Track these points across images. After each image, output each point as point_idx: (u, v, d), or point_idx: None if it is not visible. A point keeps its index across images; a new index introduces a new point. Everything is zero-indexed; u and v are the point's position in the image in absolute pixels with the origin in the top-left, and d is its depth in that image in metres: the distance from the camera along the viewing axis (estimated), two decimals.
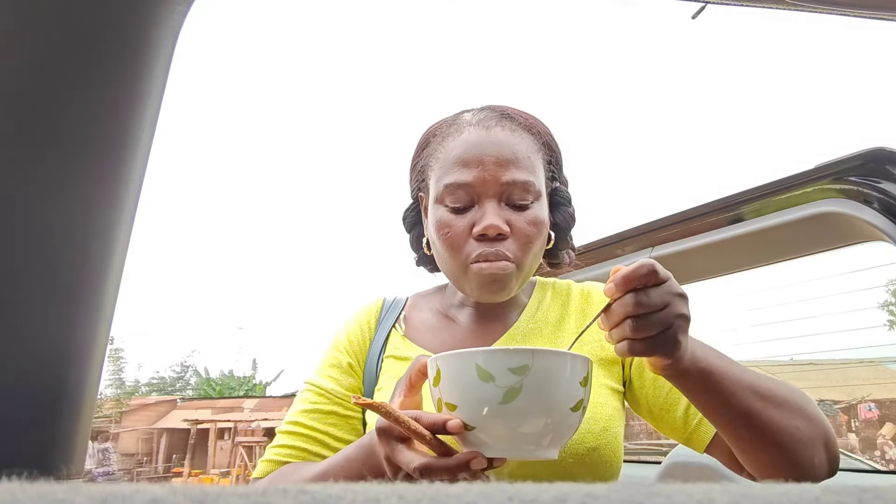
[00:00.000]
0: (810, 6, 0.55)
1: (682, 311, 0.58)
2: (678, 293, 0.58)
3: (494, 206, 0.76)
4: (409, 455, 0.56)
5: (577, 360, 0.55)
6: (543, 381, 0.52)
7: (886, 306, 16.34)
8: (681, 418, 0.77)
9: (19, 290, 0.50)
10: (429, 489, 0.16)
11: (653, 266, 0.57)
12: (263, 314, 51.16)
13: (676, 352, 0.58)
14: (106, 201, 0.54)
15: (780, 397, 0.67)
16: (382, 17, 78.93)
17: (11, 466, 0.47)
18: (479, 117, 0.82)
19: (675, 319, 0.57)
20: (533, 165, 0.79)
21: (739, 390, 0.64)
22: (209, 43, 62.30)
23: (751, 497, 0.15)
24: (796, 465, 0.66)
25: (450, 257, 0.78)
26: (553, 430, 0.54)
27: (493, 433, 0.53)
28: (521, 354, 0.52)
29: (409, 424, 0.53)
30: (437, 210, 0.80)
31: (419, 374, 0.63)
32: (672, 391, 0.77)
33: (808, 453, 0.66)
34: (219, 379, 27.03)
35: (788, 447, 0.66)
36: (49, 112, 0.50)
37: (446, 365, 0.55)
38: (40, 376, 0.51)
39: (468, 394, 0.53)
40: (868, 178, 1.10)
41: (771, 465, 0.67)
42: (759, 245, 1.33)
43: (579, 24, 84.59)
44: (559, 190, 0.86)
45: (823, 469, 0.69)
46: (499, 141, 0.78)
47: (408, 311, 0.93)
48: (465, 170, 0.77)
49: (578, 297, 0.88)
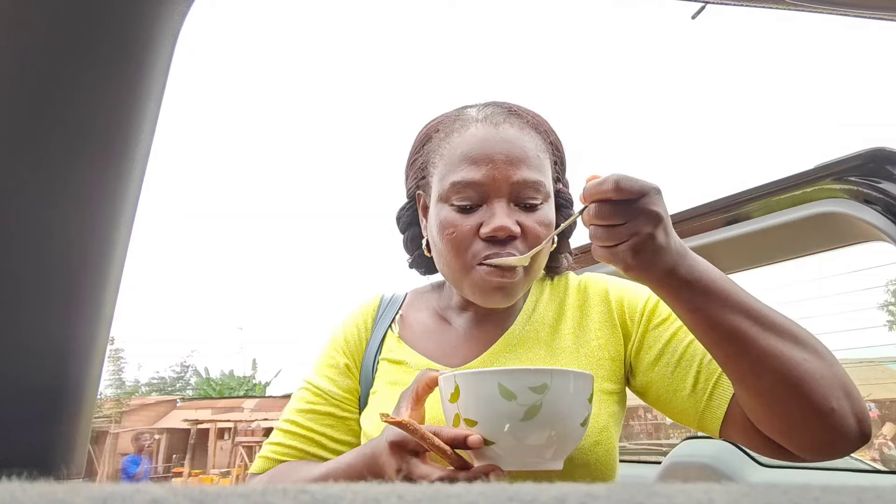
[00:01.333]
0: (810, 6, 0.55)
1: (643, 228, 0.58)
2: (646, 210, 0.58)
3: (504, 206, 0.73)
4: (425, 469, 0.57)
5: (587, 379, 0.60)
6: (560, 399, 0.56)
7: (886, 306, 16.34)
8: (689, 397, 0.73)
9: (19, 290, 0.50)
10: (429, 489, 0.16)
11: (616, 183, 0.57)
12: (263, 314, 51.10)
13: (634, 266, 0.60)
14: (106, 201, 0.54)
15: (780, 325, 0.63)
16: (382, 17, 78.77)
17: (11, 466, 0.47)
18: (486, 113, 0.79)
19: (632, 236, 0.58)
20: (542, 165, 0.77)
21: (730, 310, 0.62)
22: (209, 43, 62.14)
23: (751, 497, 0.15)
24: (810, 404, 0.61)
25: (453, 258, 0.75)
26: (562, 443, 0.58)
27: (508, 448, 0.57)
28: (541, 374, 0.56)
29: (432, 440, 0.56)
30: (441, 209, 0.77)
31: (426, 388, 0.64)
32: (677, 369, 0.74)
33: (821, 391, 0.61)
34: (219, 379, 27.02)
35: (795, 379, 0.61)
36: (48, 112, 0.50)
37: (467, 383, 0.58)
38: (40, 376, 0.51)
39: (490, 411, 0.56)
40: (868, 178, 1.10)
41: (782, 405, 0.62)
42: (759, 245, 1.33)
43: (579, 24, 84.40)
44: (562, 192, 0.85)
45: (849, 421, 0.62)
46: (508, 138, 0.75)
47: (405, 310, 0.91)
48: (474, 167, 0.74)
49: (575, 294, 0.86)
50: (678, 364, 0.74)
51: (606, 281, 0.86)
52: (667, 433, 14.28)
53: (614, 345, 0.80)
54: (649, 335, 0.78)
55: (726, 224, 1.34)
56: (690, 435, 1.84)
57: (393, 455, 0.59)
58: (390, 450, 0.59)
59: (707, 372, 0.73)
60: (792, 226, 1.22)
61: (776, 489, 0.16)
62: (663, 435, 14.24)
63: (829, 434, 0.62)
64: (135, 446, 9.38)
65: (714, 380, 0.72)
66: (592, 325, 0.81)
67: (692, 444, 1.63)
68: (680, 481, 0.17)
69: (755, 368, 0.62)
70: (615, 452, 0.75)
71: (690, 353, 0.74)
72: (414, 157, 0.86)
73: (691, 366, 0.74)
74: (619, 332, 0.80)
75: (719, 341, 0.63)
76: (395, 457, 0.59)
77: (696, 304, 0.62)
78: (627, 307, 0.81)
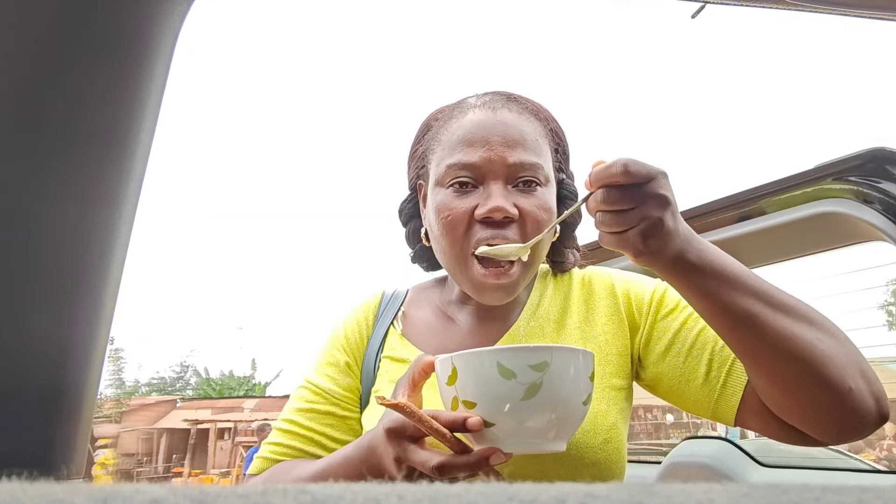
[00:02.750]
0: (810, 6, 0.55)
1: (652, 213, 0.57)
2: (655, 194, 0.57)
3: (501, 187, 0.72)
4: (424, 454, 0.55)
5: (588, 356, 0.58)
6: (561, 377, 0.54)
7: (886, 306, 16.33)
8: (703, 387, 0.72)
9: (19, 290, 0.50)
10: (429, 489, 0.16)
11: (625, 166, 0.56)
12: (263, 314, 51.12)
13: (643, 251, 0.59)
14: (106, 201, 0.54)
15: (792, 306, 0.62)
16: (381, 17, 78.83)
17: (11, 466, 0.47)
18: (485, 100, 0.78)
19: (642, 221, 0.57)
20: (541, 149, 0.76)
21: (741, 294, 0.61)
22: (209, 43, 62.21)
23: (751, 497, 0.15)
24: (827, 385, 0.60)
25: (449, 244, 0.74)
26: (564, 424, 0.56)
27: (509, 429, 0.54)
28: (540, 352, 0.54)
29: (430, 424, 0.54)
30: (437, 193, 0.76)
31: (422, 373, 0.62)
32: (689, 359, 0.73)
33: (837, 371, 0.60)
34: (219, 379, 27.03)
35: (810, 359, 0.60)
36: (48, 112, 0.50)
37: (464, 364, 0.56)
38: (40, 376, 0.51)
39: (489, 391, 0.54)
40: (868, 178, 1.10)
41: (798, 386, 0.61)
42: (759, 245, 1.32)
43: (579, 24, 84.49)
44: (566, 183, 0.83)
45: (867, 400, 0.61)
46: (505, 121, 0.74)
47: (407, 307, 0.90)
48: (470, 149, 0.73)
49: (579, 288, 0.85)
50: (689, 353, 0.73)
51: (612, 274, 0.85)
52: (667, 433, 14.28)
53: (621, 339, 0.79)
54: (658, 326, 0.77)
55: (726, 224, 1.34)
56: (690, 435, 1.84)
57: (390, 442, 0.57)
58: (387, 436, 0.57)
59: (720, 359, 0.72)
60: (792, 226, 1.22)
61: (776, 489, 0.16)
62: (663, 435, 14.23)
63: (848, 415, 0.61)
64: (259, 437, 9.52)
65: (728, 367, 0.71)
66: (599, 320, 0.80)
67: (692, 444, 1.63)
68: (680, 481, 0.17)
69: (771, 351, 0.61)
70: (624, 450, 0.74)
71: (702, 341, 0.73)
72: (415, 148, 0.86)
73: (703, 354, 0.73)
74: (625, 326, 0.79)
75: (733, 326, 0.62)
76: (392, 443, 0.57)
77: (708, 289, 0.61)
78: (634, 299, 0.80)
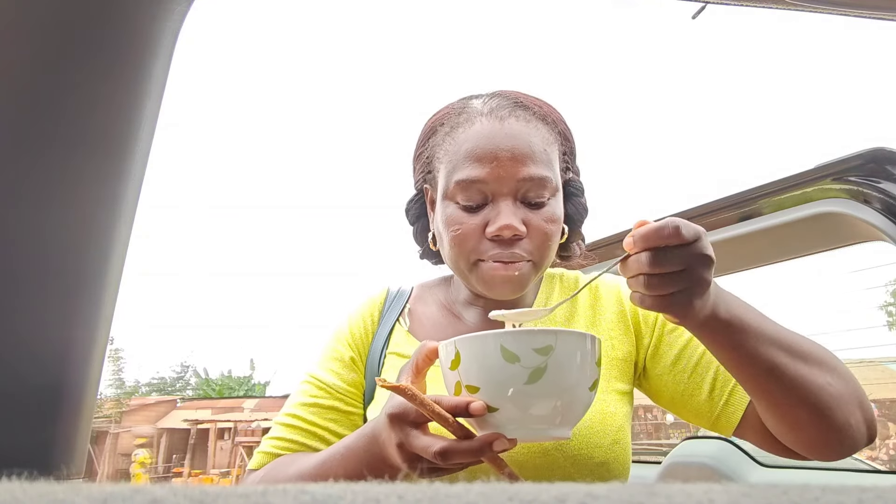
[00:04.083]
0: (810, 6, 0.55)
1: (700, 274, 0.55)
2: (702, 254, 0.55)
3: (510, 205, 0.72)
4: (426, 440, 0.54)
5: (596, 341, 0.56)
6: (566, 361, 0.53)
7: (886, 306, 16.34)
8: (705, 402, 0.74)
9: (19, 290, 0.50)
10: (429, 489, 0.16)
11: (677, 228, 0.54)
12: (262, 313, 51.11)
13: (689, 313, 0.56)
14: (106, 201, 0.54)
15: (807, 352, 0.64)
16: (381, 16, 78.82)
17: (11, 466, 0.47)
18: (491, 106, 0.76)
19: (691, 283, 0.55)
20: (549, 159, 0.75)
21: (765, 344, 0.61)
22: (209, 43, 62.18)
23: (751, 497, 0.15)
24: (832, 426, 0.63)
25: (458, 256, 0.74)
26: (569, 409, 0.54)
27: (513, 414, 0.53)
28: (545, 335, 0.52)
29: (432, 408, 0.52)
30: (446, 206, 0.76)
31: (426, 360, 0.61)
32: (693, 375, 0.75)
33: (842, 412, 0.63)
34: (218, 379, 27.05)
35: (820, 404, 0.62)
36: (48, 112, 0.50)
37: (467, 347, 0.54)
38: (40, 376, 0.51)
39: (492, 375, 0.52)
40: (868, 178, 1.10)
41: (805, 426, 0.64)
42: (759, 245, 1.33)
43: (579, 24, 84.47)
44: (572, 181, 0.83)
45: (861, 431, 0.65)
46: (513, 133, 0.73)
47: (412, 304, 0.90)
48: (478, 165, 0.72)
49: (586, 291, 0.85)
50: (694, 371, 0.75)
51: (619, 282, 0.86)
52: (667, 433, 14.30)
53: (626, 345, 0.80)
54: (664, 340, 0.78)
55: (726, 224, 1.34)
56: (690, 435, 1.84)
57: (393, 427, 0.56)
58: (389, 422, 0.57)
59: (723, 379, 0.74)
60: (792, 226, 1.22)
61: (776, 489, 0.16)
62: (663, 435, 14.25)
63: (844, 444, 0.65)
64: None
65: (730, 387, 0.73)
66: (605, 325, 0.81)
67: (692, 444, 1.63)
68: (680, 481, 0.17)
69: (785, 396, 0.62)
70: (630, 453, 0.75)
71: (706, 361, 0.75)
72: (420, 151, 0.85)
73: (707, 373, 0.75)
74: (631, 333, 0.80)
75: (756, 375, 0.62)
76: (395, 429, 0.56)
77: (736, 342, 0.61)
78: (641, 310, 0.80)
